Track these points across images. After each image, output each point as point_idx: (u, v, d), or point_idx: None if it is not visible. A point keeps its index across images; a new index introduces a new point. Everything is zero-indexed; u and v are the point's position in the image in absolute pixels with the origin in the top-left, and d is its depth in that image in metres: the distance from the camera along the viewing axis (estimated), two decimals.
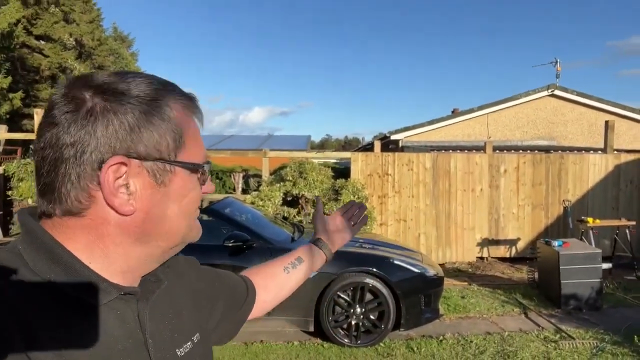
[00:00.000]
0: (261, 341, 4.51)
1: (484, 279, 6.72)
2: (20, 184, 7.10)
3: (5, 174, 7.48)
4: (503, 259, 7.93)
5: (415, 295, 4.51)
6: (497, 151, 8.71)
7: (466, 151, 9.80)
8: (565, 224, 7.66)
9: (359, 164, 7.90)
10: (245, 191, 9.30)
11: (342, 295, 4.40)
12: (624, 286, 6.08)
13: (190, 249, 0.74)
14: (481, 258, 8.00)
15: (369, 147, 16.27)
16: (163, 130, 0.63)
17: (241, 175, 9.18)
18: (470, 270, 7.39)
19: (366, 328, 4.43)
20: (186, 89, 0.71)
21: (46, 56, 22.44)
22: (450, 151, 9.79)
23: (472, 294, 5.88)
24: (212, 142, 15.52)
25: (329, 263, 1.20)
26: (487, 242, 7.99)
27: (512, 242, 8.02)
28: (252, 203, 6.72)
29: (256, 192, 7.05)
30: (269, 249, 4.46)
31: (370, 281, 4.39)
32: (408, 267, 4.59)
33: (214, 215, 4.77)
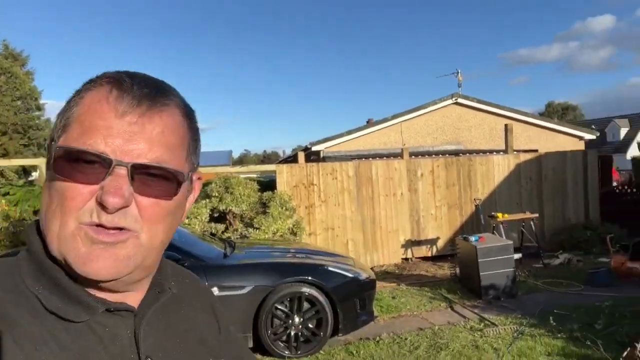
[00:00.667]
0: None
1: (411, 279, 7.04)
2: None
3: None
4: (426, 258, 8.36)
5: (351, 300, 4.61)
6: (413, 157, 9.21)
7: (385, 158, 10.26)
8: (478, 221, 8.26)
9: (284, 175, 7.93)
10: None
11: (280, 307, 4.38)
12: (534, 273, 6.70)
13: None
14: (406, 259, 8.37)
15: (290, 159, 16.40)
16: (61, 114, 0.60)
17: None
18: (397, 271, 7.69)
19: (305, 337, 4.43)
20: None
21: None
22: (370, 159, 10.18)
23: (401, 294, 6.13)
24: None
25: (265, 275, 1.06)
26: (410, 243, 8.39)
27: (433, 242, 8.49)
28: None
29: None
30: (202, 267, 4.32)
31: (307, 290, 4.42)
32: (342, 272, 4.69)
33: None
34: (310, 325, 4.44)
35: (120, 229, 0.57)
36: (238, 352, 0.82)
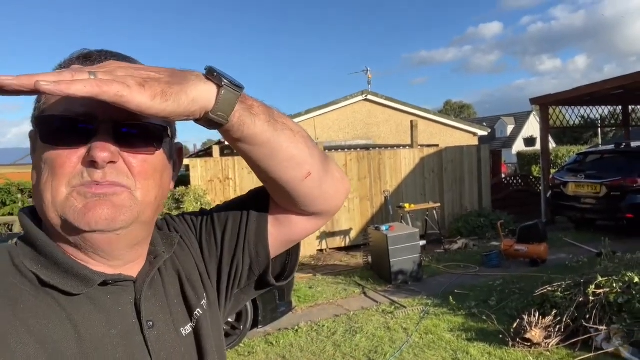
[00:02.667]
0: None
1: (326, 269, 7.28)
2: None
3: None
4: (340, 249, 8.68)
5: (269, 292, 4.69)
6: (327, 151, 9.48)
7: None
8: (387, 211, 8.74)
9: (198, 170, 7.76)
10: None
11: None
12: (436, 258, 7.29)
13: None
14: (321, 250, 8.63)
15: (202, 153, 15.96)
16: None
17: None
18: (313, 262, 7.90)
19: (225, 332, 4.42)
20: None
21: None
22: None
23: (318, 284, 6.33)
24: (17, 157, 13.34)
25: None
26: (325, 235, 8.65)
27: (346, 233, 8.83)
28: None
29: None
30: None
31: None
32: None
33: None
34: (229, 320, 4.44)
35: (114, 183, 0.59)
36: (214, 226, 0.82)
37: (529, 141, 19.81)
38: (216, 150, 8.26)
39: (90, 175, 0.58)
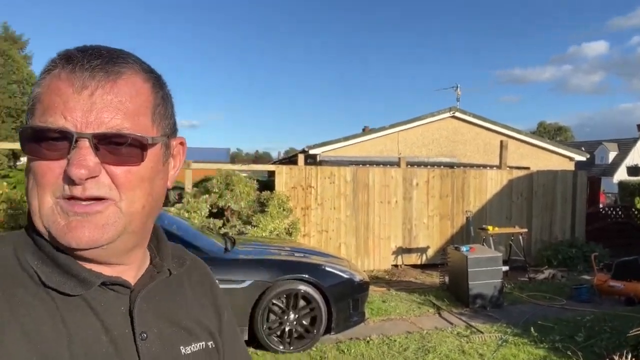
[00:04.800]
0: None
1: (400, 285, 7.22)
2: None
3: None
4: (415, 266, 8.56)
5: (345, 300, 4.77)
6: (409, 166, 9.42)
7: (380, 166, 10.46)
8: (468, 232, 8.47)
9: (283, 176, 8.10)
10: (164, 204, 9.02)
11: (277, 303, 4.53)
12: (519, 286, 6.93)
13: None
14: (396, 265, 8.57)
15: (285, 161, 16.53)
16: (29, 98, 0.63)
17: None
18: (387, 277, 7.87)
19: (299, 334, 4.58)
20: None
21: None
22: (367, 165, 10.36)
23: (391, 298, 6.31)
24: None
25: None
26: (401, 251, 8.59)
27: (423, 250, 8.69)
28: (177, 215, 6.59)
29: (180, 204, 6.92)
30: (204, 259, 4.44)
31: (304, 288, 4.57)
32: (338, 272, 4.85)
33: None
34: (304, 322, 4.59)
35: (96, 199, 0.59)
36: (232, 338, 0.83)
37: (634, 170, 18.10)
38: (301, 158, 8.56)
39: (70, 189, 0.58)
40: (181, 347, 0.68)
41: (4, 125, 29.02)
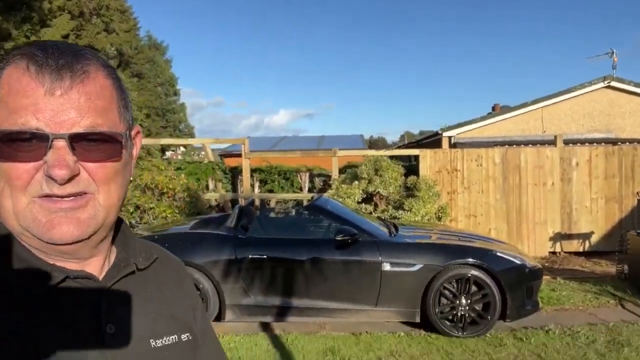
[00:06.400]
0: (366, 332, 4.65)
1: (565, 273, 6.69)
2: None
3: None
4: (577, 253, 7.86)
5: (519, 287, 4.56)
6: (567, 146, 8.61)
7: (522, 145, 9.72)
8: None
9: (427, 160, 7.98)
10: (310, 190, 9.50)
11: (448, 287, 4.50)
12: None
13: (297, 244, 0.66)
14: (553, 252, 7.96)
15: (424, 143, 16.23)
16: None
17: (307, 174, 9.40)
18: (546, 264, 7.34)
19: (471, 319, 4.50)
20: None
21: None
22: (506, 146, 9.71)
23: (561, 287, 5.88)
24: (270, 144, 15.87)
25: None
26: (559, 237, 7.94)
27: (586, 236, 7.93)
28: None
29: (333, 190, 7.20)
30: (375, 242, 4.61)
31: (475, 272, 4.47)
32: (510, 258, 4.66)
33: (318, 212, 4.95)
34: (476, 308, 4.50)
35: (77, 194, 0.60)
36: (206, 332, 0.83)
37: None
38: (445, 141, 8.38)
39: (50, 188, 0.58)
40: (151, 341, 0.68)
41: (154, 124, 32.98)
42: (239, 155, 9.17)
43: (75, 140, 0.59)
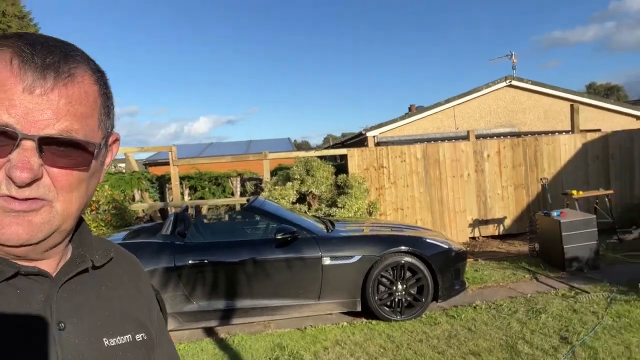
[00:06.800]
0: (311, 326, 4.77)
1: (485, 255, 7.29)
2: None
3: None
4: (493, 237, 8.59)
5: (447, 269, 4.93)
6: (479, 139, 9.37)
7: (439, 142, 10.44)
8: (545, 200, 8.40)
9: (355, 159, 8.29)
10: (242, 194, 9.45)
11: (385, 275, 4.75)
12: (611, 247, 6.85)
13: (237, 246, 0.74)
14: (473, 238, 8.62)
15: (349, 144, 16.69)
16: None
17: (238, 179, 9.34)
18: (468, 249, 7.94)
19: (408, 302, 4.79)
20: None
21: None
22: (425, 143, 10.38)
23: (482, 268, 6.41)
24: (198, 151, 15.47)
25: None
26: (477, 223, 8.62)
27: (500, 221, 8.69)
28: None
29: (266, 193, 7.25)
30: (314, 239, 4.75)
31: (409, 259, 4.77)
32: (438, 243, 5.02)
33: (255, 212, 4.99)
34: (412, 292, 4.80)
35: (33, 199, 0.57)
36: (162, 331, 0.82)
37: None
38: (371, 140, 8.73)
39: (8, 189, 0.55)
40: (104, 339, 0.66)
41: None
42: (165, 164, 8.93)
43: (45, 143, 0.56)
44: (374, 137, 12.39)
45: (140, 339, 0.71)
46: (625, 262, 6.08)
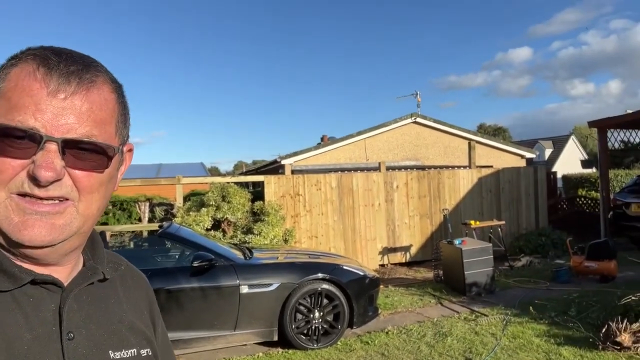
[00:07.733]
0: (224, 358, 4.60)
1: (394, 281, 7.62)
2: None
3: None
4: (401, 264, 9.01)
5: (362, 296, 5.08)
6: (389, 171, 9.90)
7: (352, 172, 10.88)
8: (446, 229, 9.04)
9: (272, 186, 8.31)
10: (150, 220, 8.95)
11: (303, 302, 4.76)
12: (504, 273, 7.53)
13: (150, 275, 0.75)
14: (382, 265, 8.98)
15: (263, 171, 16.59)
16: None
17: (147, 204, 8.84)
18: (378, 275, 8.23)
19: (324, 330, 4.83)
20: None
21: None
22: (339, 172, 10.74)
23: (392, 294, 6.69)
24: None
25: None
26: (386, 250, 9.02)
27: (407, 249, 9.17)
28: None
29: (179, 219, 6.96)
30: (232, 266, 4.63)
31: (326, 286, 4.84)
32: (354, 270, 5.16)
33: (170, 239, 4.77)
34: (328, 319, 4.85)
35: (58, 198, 0.60)
36: (166, 347, 0.84)
37: (587, 163, 19.84)
38: (288, 168, 8.81)
39: (31, 188, 0.58)
40: (110, 352, 0.67)
41: None
42: None
43: (68, 146, 0.59)
44: (290, 164, 12.52)
45: (145, 354, 0.72)
46: (516, 287, 6.72)
